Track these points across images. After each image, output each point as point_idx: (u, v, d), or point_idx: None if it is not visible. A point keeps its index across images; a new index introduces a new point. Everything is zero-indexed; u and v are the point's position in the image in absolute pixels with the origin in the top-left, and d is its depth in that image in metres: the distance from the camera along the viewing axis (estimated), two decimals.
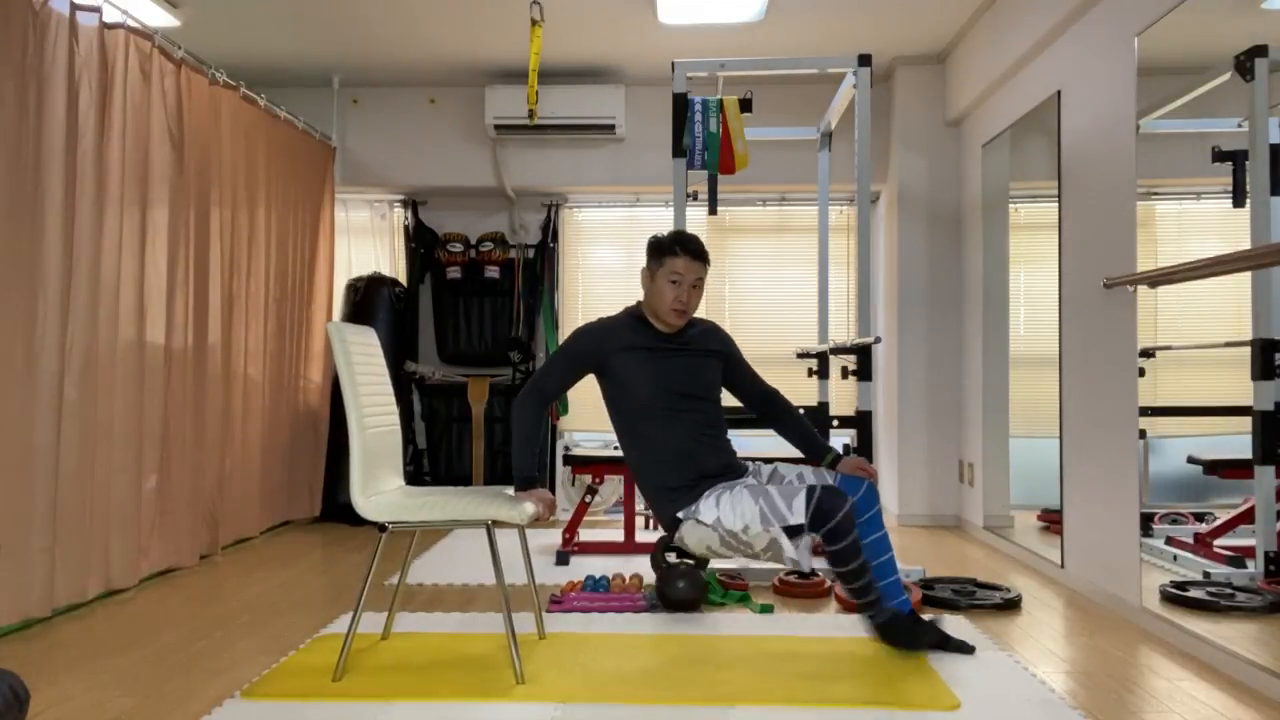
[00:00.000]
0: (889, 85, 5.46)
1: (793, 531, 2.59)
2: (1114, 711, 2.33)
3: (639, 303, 2.94)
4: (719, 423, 2.91)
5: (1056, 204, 3.82)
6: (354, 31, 4.83)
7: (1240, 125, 2.69)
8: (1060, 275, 3.80)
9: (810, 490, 2.60)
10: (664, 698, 2.38)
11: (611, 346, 2.82)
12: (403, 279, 5.82)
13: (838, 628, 3.06)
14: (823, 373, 4.76)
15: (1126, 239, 3.25)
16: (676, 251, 2.79)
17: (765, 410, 3.05)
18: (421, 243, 5.83)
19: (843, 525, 2.57)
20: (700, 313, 3.02)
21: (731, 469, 2.85)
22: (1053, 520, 3.97)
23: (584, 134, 5.50)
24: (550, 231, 5.79)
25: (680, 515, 2.75)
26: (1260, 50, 2.57)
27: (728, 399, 3.03)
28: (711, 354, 2.95)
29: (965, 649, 2.76)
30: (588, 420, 5.80)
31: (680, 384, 2.82)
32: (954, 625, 3.05)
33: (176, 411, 3.89)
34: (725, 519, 2.65)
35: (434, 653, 2.76)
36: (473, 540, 4.64)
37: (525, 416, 2.76)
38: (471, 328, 5.76)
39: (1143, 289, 3.13)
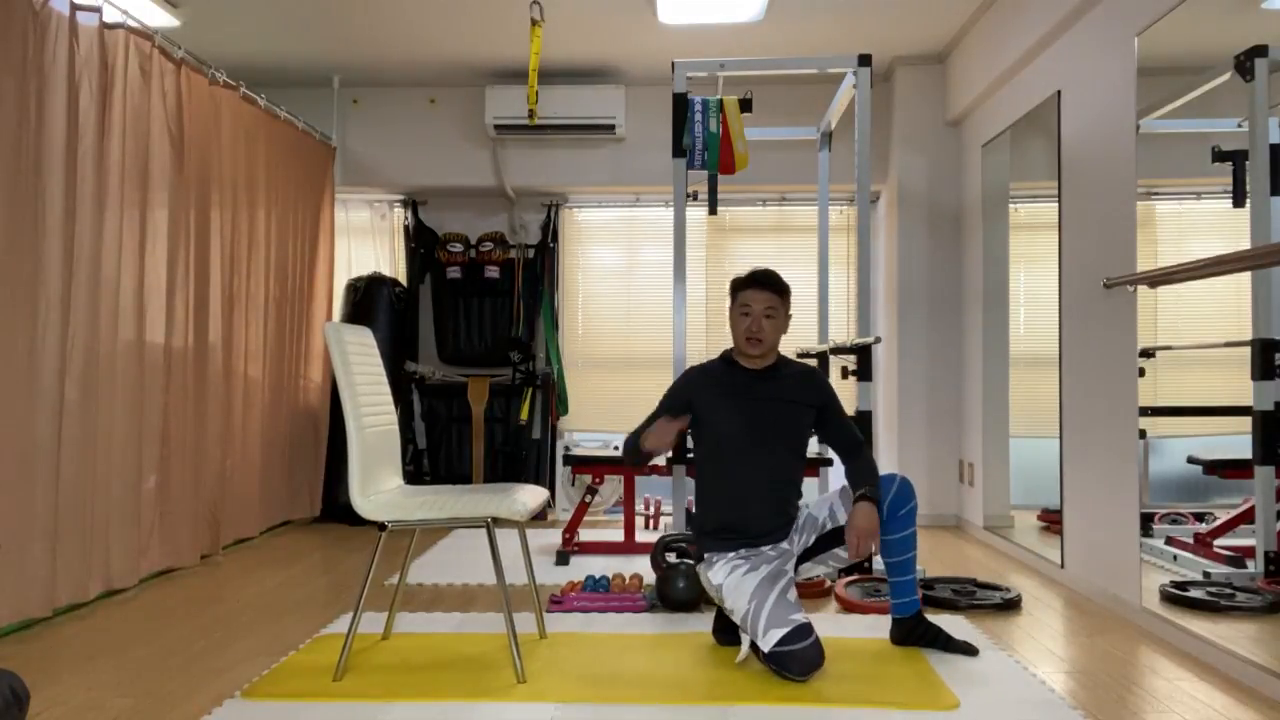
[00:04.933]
0: (889, 85, 5.46)
1: (754, 647, 2.60)
2: (1114, 711, 2.33)
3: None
4: (789, 477, 2.86)
5: (1056, 204, 3.82)
6: (354, 31, 4.83)
7: (1240, 125, 2.69)
8: (1060, 275, 3.80)
9: (796, 629, 2.51)
10: (664, 698, 2.38)
11: (700, 383, 2.91)
12: (403, 279, 5.82)
13: (838, 628, 3.07)
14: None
15: (1126, 239, 3.25)
16: (746, 284, 2.89)
17: (847, 456, 2.93)
18: (421, 243, 5.83)
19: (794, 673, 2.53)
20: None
21: (774, 534, 2.82)
22: (1053, 520, 3.96)
23: (584, 134, 5.49)
24: (550, 231, 5.79)
25: (706, 556, 2.84)
26: (1260, 50, 2.57)
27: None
28: (801, 405, 2.88)
29: (969, 650, 2.77)
30: (588, 420, 5.79)
31: (757, 427, 2.83)
32: (954, 625, 3.06)
33: (177, 411, 3.89)
34: (726, 594, 2.71)
35: (434, 653, 2.76)
36: (473, 540, 4.64)
37: (629, 458, 2.91)
38: (471, 328, 5.76)
39: (1143, 289, 3.13)
